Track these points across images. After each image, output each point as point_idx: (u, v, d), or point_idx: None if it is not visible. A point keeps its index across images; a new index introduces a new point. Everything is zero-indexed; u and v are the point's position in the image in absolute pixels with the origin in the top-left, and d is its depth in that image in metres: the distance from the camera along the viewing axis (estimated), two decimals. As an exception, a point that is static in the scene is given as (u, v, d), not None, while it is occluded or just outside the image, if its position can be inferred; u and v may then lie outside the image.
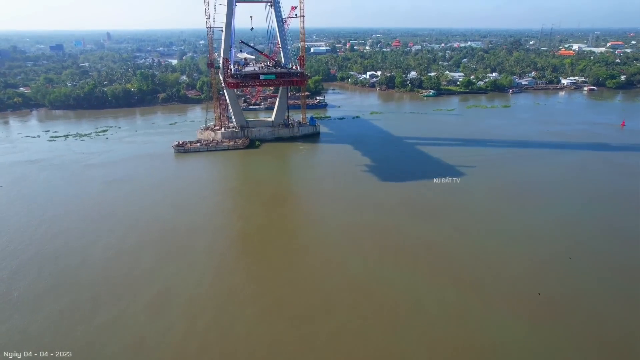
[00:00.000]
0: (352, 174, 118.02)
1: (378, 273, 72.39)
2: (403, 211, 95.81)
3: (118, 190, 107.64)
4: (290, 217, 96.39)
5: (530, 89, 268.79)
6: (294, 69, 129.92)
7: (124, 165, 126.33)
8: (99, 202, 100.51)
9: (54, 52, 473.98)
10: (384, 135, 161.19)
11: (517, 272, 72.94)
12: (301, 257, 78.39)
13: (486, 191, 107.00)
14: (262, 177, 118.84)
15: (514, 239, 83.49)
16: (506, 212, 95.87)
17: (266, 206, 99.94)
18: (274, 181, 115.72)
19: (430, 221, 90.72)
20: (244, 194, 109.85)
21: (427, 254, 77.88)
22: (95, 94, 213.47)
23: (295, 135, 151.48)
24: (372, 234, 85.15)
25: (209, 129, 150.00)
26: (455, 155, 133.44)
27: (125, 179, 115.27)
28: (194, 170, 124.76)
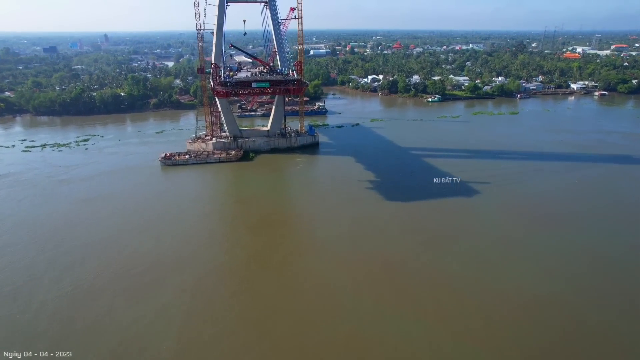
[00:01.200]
0: (353, 192, 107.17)
1: (376, 325, 60.73)
2: (408, 239, 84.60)
3: (90, 211, 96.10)
4: (280, 247, 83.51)
5: (538, 93, 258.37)
6: (290, 76, 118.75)
7: (102, 180, 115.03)
8: (64, 225, 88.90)
9: (48, 54, 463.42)
10: (387, 145, 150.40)
11: (541, 331, 61.93)
12: (289, 303, 66.31)
13: (499, 214, 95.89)
14: (253, 195, 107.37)
15: (536, 277, 72.31)
16: (524, 240, 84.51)
17: (256, 232, 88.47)
18: (267, 201, 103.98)
19: (438, 253, 79.31)
20: (233, 216, 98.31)
21: (434, 298, 66.60)
22: (82, 99, 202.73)
23: (292, 146, 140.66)
24: (372, 270, 73.69)
25: (199, 139, 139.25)
26: (464, 169, 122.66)
27: (101, 197, 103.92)
28: (180, 187, 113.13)
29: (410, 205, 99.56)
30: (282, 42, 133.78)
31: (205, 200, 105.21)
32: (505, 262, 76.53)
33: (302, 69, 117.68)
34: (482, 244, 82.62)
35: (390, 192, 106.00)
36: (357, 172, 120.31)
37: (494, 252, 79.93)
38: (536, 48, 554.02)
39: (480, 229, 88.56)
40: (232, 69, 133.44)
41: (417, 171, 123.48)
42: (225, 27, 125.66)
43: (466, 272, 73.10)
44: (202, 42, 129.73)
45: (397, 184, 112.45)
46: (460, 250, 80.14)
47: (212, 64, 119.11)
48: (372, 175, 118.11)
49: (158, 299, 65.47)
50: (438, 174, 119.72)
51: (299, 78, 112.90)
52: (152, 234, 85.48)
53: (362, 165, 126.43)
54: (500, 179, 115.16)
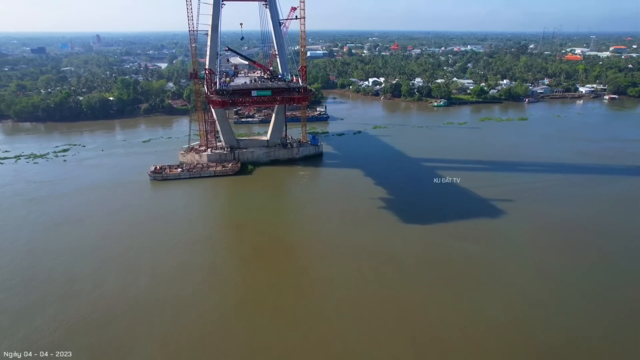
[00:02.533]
0: (362, 213, 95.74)
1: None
2: (425, 273, 73.27)
3: (60, 239, 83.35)
4: (279, 286, 70.54)
5: (546, 97, 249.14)
6: (294, 83, 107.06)
7: (78, 199, 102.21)
8: (24, 259, 76.06)
9: (36, 55, 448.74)
10: (395, 156, 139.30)
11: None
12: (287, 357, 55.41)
13: (527, 238, 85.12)
14: (251, 217, 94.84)
15: (581, 326, 61.87)
16: (559, 272, 73.95)
17: (251, 265, 76.43)
18: (265, 224, 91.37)
19: (459, 293, 67.95)
20: (227, 244, 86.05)
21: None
22: (68, 104, 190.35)
23: (294, 157, 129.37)
24: (384, 315, 62.40)
25: (192, 149, 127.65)
26: (480, 183, 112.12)
27: (75, 220, 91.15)
28: (170, 207, 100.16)
29: (426, 230, 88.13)
30: (283, 44, 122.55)
31: (197, 224, 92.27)
32: (553, 306, 65.80)
33: (306, 74, 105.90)
34: (518, 280, 71.89)
35: (402, 214, 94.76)
36: (365, 189, 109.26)
37: (528, 290, 69.16)
38: (535, 49, 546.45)
39: (511, 261, 77.43)
40: (228, 73, 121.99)
41: (430, 187, 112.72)
42: (220, 28, 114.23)
43: (495, 321, 62.07)
44: (195, 44, 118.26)
45: (410, 203, 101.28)
46: (492, 290, 69.22)
47: (206, 68, 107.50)
48: (382, 191, 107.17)
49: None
50: (454, 190, 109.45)
51: (305, 85, 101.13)
52: (133, 268, 73.45)
53: (370, 179, 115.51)
54: (521, 196, 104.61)
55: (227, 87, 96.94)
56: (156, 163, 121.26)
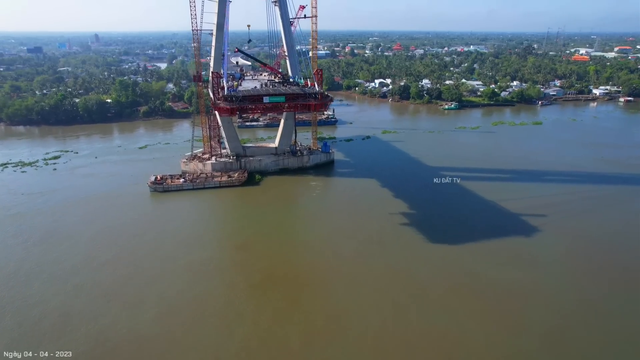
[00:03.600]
0: (383, 232, 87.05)
1: None
2: (457, 307, 64.01)
3: (40, 262, 74.32)
4: (290, 323, 61.17)
5: (559, 99, 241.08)
6: (309, 87, 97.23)
7: (70, 214, 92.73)
8: (6, 286, 67.61)
9: (33, 54, 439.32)
10: (409, 164, 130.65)
11: None
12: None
13: (565, 262, 76.38)
14: (259, 236, 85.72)
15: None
16: (606, 303, 65.88)
17: (259, 296, 67.20)
18: (275, 245, 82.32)
19: (498, 331, 59.45)
20: (232, 270, 75.26)
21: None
22: (63, 106, 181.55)
23: (304, 166, 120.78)
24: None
25: (195, 158, 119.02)
26: (505, 195, 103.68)
27: (59, 239, 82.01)
28: (171, 224, 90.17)
29: (454, 252, 79.30)
30: (293, 44, 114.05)
31: (200, 244, 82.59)
32: (606, 347, 57.57)
33: (322, 78, 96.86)
34: (562, 314, 63.62)
35: (426, 232, 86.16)
36: (383, 202, 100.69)
37: (583, 328, 60.94)
38: (538, 50, 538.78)
39: (550, 291, 68.68)
40: (235, 76, 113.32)
41: (451, 199, 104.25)
42: (227, 27, 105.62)
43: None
44: (198, 44, 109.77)
45: (432, 219, 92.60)
46: (533, 323, 60.93)
47: (211, 72, 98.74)
48: (401, 205, 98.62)
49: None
50: (476, 204, 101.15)
51: (321, 91, 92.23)
52: (122, 301, 64.62)
53: (387, 191, 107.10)
54: (550, 210, 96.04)
55: (235, 92, 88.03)
56: (154, 171, 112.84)
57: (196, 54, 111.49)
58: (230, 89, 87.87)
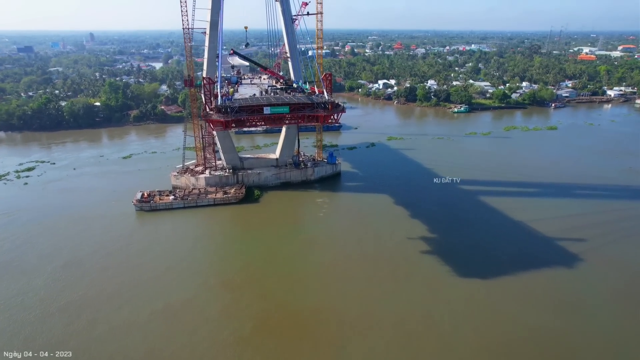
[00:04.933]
0: (399, 261, 75.42)
1: None
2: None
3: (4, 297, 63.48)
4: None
5: (572, 101, 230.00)
6: (317, 96, 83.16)
7: (37, 240, 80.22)
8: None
9: (23, 54, 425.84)
10: (421, 176, 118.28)
11: None
12: None
13: (621, 305, 64.73)
14: (254, 270, 73.05)
15: None
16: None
17: (249, 353, 54.83)
18: (272, 280, 69.80)
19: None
20: (219, 317, 61.69)
21: None
22: (48, 110, 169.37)
23: (309, 179, 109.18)
24: None
25: (187, 170, 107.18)
26: (532, 215, 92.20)
27: (14, 275, 69.42)
28: (155, 251, 77.18)
29: (481, 292, 67.34)
30: (295, 44, 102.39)
31: (182, 280, 68.85)
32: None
33: (331, 84, 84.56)
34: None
35: (447, 263, 74.29)
36: (396, 223, 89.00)
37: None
38: (541, 49, 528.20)
39: (610, 347, 57.68)
40: (231, 80, 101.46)
41: (473, 219, 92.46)
42: (222, 26, 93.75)
43: None
44: (191, 43, 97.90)
45: (455, 246, 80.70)
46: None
47: (203, 77, 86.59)
48: (420, 228, 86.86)
49: None
50: (502, 225, 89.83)
51: (332, 100, 79.99)
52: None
53: (402, 210, 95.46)
54: (589, 233, 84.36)
55: (230, 101, 75.64)
56: (139, 185, 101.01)
57: (188, 55, 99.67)
58: (224, 98, 75.71)
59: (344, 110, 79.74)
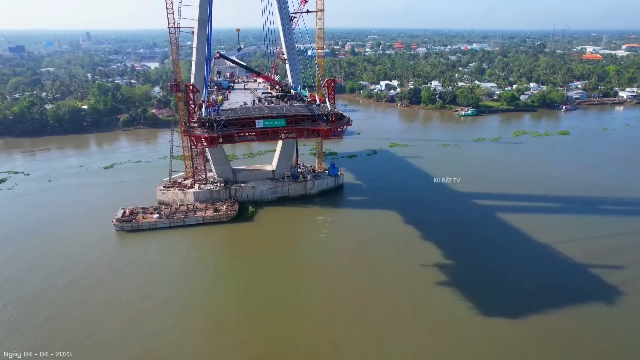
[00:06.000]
0: (409, 299, 65.78)
1: None
2: None
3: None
4: None
5: (583, 103, 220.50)
6: (318, 106, 72.51)
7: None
8: None
9: (16, 54, 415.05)
10: (427, 187, 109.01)
11: None
12: None
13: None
14: (243, 307, 63.38)
15: None
16: None
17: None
18: (263, 320, 59.89)
19: None
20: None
21: None
22: (31, 115, 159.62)
23: (308, 193, 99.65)
24: None
25: (175, 184, 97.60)
26: (558, 236, 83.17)
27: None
28: (130, 286, 67.11)
29: (510, 342, 57.69)
30: (293, 45, 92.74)
31: (157, 323, 59.00)
32: None
33: (334, 92, 74.58)
34: None
35: (468, 299, 64.75)
36: (407, 247, 79.47)
37: None
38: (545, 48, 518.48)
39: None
40: (221, 86, 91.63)
41: (491, 242, 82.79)
42: (211, 25, 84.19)
43: None
44: (177, 46, 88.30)
45: (473, 278, 70.76)
46: None
47: (186, 85, 76.53)
48: (431, 253, 76.94)
49: None
50: (525, 246, 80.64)
51: (335, 110, 70.10)
52: None
53: (410, 229, 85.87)
54: (625, 260, 75.12)
55: (217, 112, 65.18)
56: (121, 200, 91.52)
57: (174, 58, 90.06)
58: (210, 108, 65.60)
59: (349, 123, 70.06)
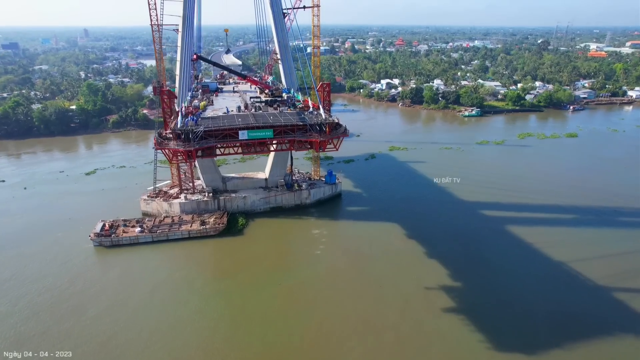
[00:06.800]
0: (418, 329, 59.03)
1: None
2: None
3: None
4: None
5: (590, 103, 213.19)
6: (310, 111, 66.23)
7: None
8: None
9: (10, 51, 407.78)
10: (430, 196, 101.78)
11: None
12: None
13: None
14: (226, 341, 56.05)
15: None
16: None
17: None
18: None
19: None
20: None
21: None
22: (16, 116, 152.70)
23: (303, 203, 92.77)
24: None
25: (160, 194, 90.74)
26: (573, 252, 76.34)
27: None
28: (104, 312, 59.73)
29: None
30: (287, 43, 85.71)
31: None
32: None
33: (329, 96, 67.67)
34: None
35: (476, 328, 57.75)
36: (410, 266, 72.21)
37: None
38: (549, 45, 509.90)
39: None
40: (209, 88, 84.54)
41: (501, 261, 75.79)
42: (198, 21, 77.34)
43: None
44: (160, 45, 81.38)
45: (483, 304, 63.71)
46: None
47: (161, 90, 69.32)
48: (435, 274, 69.81)
49: None
50: (541, 266, 73.71)
51: (331, 119, 62.36)
52: None
53: (414, 244, 78.77)
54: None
55: (195, 121, 57.43)
56: (102, 211, 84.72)
57: (157, 57, 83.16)
58: (189, 117, 58.03)
59: (346, 134, 62.93)
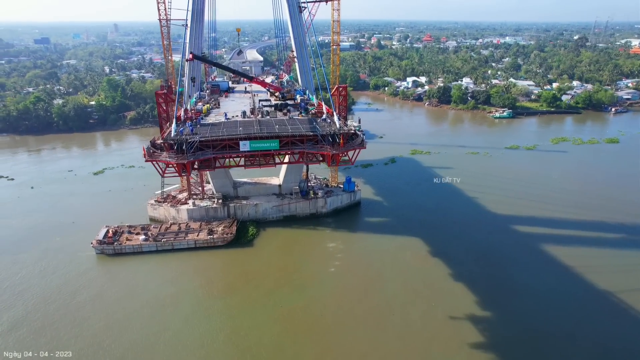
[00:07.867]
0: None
1: None
2: None
3: None
4: None
5: (634, 104, 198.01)
6: (323, 118, 59.68)
7: None
8: None
9: (42, 45, 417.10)
10: (455, 208, 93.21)
11: None
12: None
13: None
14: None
15: None
16: None
17: None
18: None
19: None
20: None
21: None
22: (36, 111, 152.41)
23: (320, 212, 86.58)
24: None
25: (168, 198, 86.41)
26: (625, 282, 67.25)
27: None
28: (110, 334, 54.72)
29: None
30: (304, 41, 79.35)
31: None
32: None
33: (347, 102, 61.24)
34: None
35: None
36: (432, 291, 64.85)
37: None
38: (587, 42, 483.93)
39: None
40: (220, 88, 79.22)
41: (536, 290, 67.07)
42: (209, 16, 72.05)
43: None
44: (169, 40, 76.55)
45: (516, 343, 55.90)
46: None
47: (156, 92, 63.91)
48: (461, 301, 62.19)
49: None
50: (583, 297, 65.10)
51: (346, 129, 54.85)
52: None
53: (437, 265, 71.21)
54: None
55: (191, 128, 51.04)
56: (107, 214, 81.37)
57: (165, 54, 78.45)
58: (187, 124, 52.08)
59: (363, 146, 56.07)
